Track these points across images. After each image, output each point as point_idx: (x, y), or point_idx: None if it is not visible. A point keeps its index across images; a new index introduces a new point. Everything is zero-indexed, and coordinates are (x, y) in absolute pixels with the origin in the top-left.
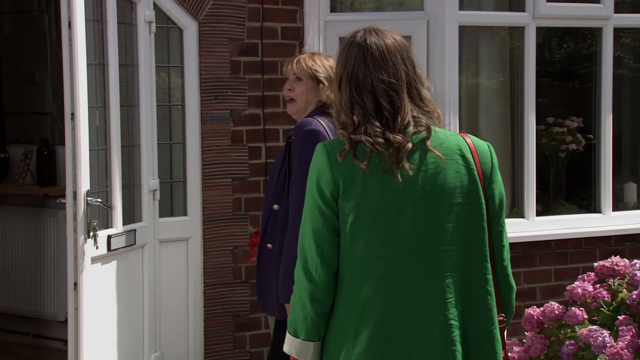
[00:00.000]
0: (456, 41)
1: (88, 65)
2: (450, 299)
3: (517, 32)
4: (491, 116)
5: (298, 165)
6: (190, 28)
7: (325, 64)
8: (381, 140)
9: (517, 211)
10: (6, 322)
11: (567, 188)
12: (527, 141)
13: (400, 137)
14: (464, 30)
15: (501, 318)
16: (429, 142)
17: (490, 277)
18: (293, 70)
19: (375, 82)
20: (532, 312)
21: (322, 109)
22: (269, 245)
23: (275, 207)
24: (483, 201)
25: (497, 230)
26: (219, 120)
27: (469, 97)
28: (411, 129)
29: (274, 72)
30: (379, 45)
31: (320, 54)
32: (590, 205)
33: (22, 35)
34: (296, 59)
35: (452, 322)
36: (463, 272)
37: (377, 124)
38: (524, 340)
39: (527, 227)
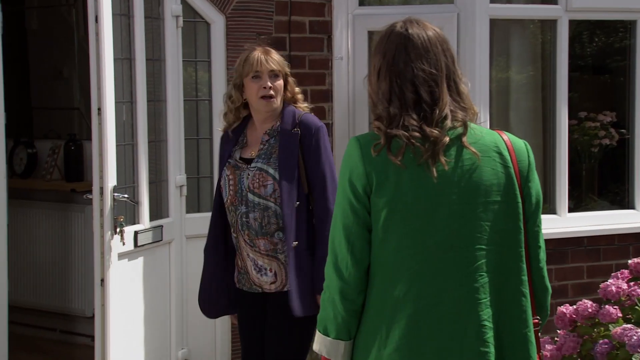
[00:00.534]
0: (487, 35)
1: (115, 59)
2: (484, 300)
3: (548, 26)
4: (522, 111)
5: (328, 159)
6: (217, 22)
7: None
8: (417, 134)
9: (549, 207)
10: (34, 318)
11: (600, 184)
12: (559, 136)
13: (437, 132)
14: (494, 23)
15: (536, 320)
16: (465, 138)
17: (525, 278)
18: (269, 67)
19: (417, 71)
20: (564, 310)
21: (290, 103)
22: (295, 243)
23: (297, 203)
24: (519, 200)
25: (533, 230)
26: None
27: (499, 92)
28: (448, 122)
29: (302, 66)
30: (420, 35)
31: (270, 49)
32: (623, 201)
33: (50, 30)
34: (265, 57)
35: (486, 323)
36: (497, 272)
37: (415, 116)
38: (556, 338)
39: (559, 223)
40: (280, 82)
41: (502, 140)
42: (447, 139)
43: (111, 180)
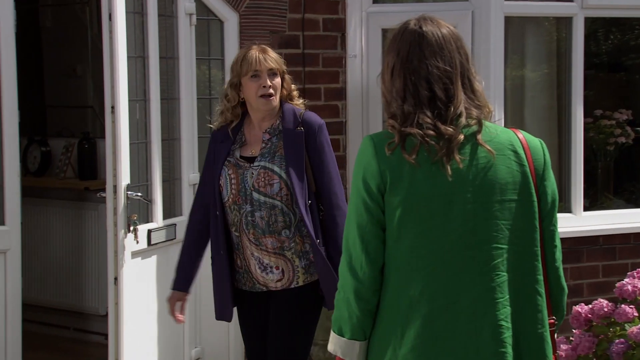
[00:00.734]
0: (502, 32)
1: (128, 57)
2: (501, 299)
3: (563, 23)
4: (537, 109)
5: (332, 156)
6: (230, 20)
7: None
8: (431, 132)
9: (564, 206)
10: (48, 316)
11: (615, 182)
12: (575, 134)
13: (451, 129)
14: (508, 21)
15: (552, 320)
16: (479, 136)
17: (541, 277)
18: (268, 65)
19: (431, 69)
20: (580, 310)
21: (286, 101)
22: (318, 241)
23: (309, 202)
24: (535, 199)
25: (549, 230)
26: None
27: (514, 90)
28: (463, 120)
29: (315, 64)
30: (434, 33)
31: (267, 47)
32: (639, 199)
33: (64, 27)
34: (263, 56)
35: (503, 322)
36: (513, 271)
37: (429, 114)
38: (571, 338)
39: (574, 222)
40: (279, 81)
41: (518, 139)
42: (461, 136)
43: (125, 178)
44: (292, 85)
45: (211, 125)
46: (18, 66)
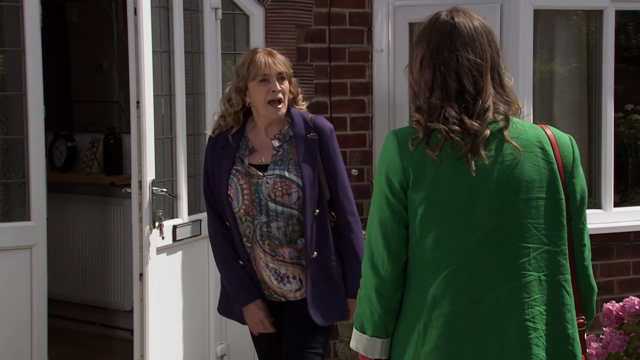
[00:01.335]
0: (531, 26)
1: (154, 52)
2: (527, 299)
3: (593, 16)
4: (566, 103)
5: (342, 161)
6: (256, 14)
7: None
8: (457, 128)
9: (594, 202)
10: (73, 311)
11: None
12: (605, 129)
13: (477, 124)
14: (537, 14)
15: (581, 320)
16: (506, 132)
17: (569, 276)
18: (277, 69)
19: (461, 60)
20: (610, 307)
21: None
22: (315, 254)
23: (317, 211)
24: (563, 196)
25: (577, 228)
26: None
27: (542, 84)
28: (490, 115)
29: (342, 59)
30: (466, 24)
31: (272, 50)
32: None
33: (90, 23)
34: (272, 60)
35: (529, 323)
36: (540, 270)
37: (456, 107)
38: (602, 336)
39: (604, 218)
40: (287, 85)
41: (546, 135)
42: (488, 131)
43: (150, 174)
44: (298, 89)
45: (207, 132)
46: (44, 62)
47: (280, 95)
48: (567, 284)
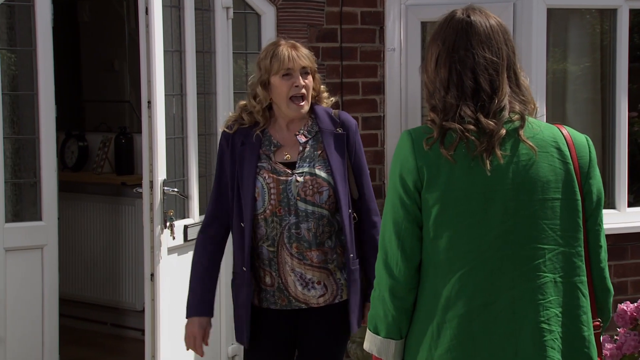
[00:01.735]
0: (544, 25)
1: (165, 52)
2: (542, 301)
3: (607, 15)
4: (579, 102)
5: (365, 157)
6: (268, 13)
7: None
8: (472, 127)
9: (608, 202)
10: (85, 311)
11: None
12: (619, 129)
13: (493, 123)
14: (550, 13)
15: (597, 323)
16: (522, 132)
17: (585, 278)
18: (302, 63)
19: (477, 58)
20: (625, 308)
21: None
22: (352, 255)
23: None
24: (579, 197)
25: (594, 229)
26: None
27: (555, 83)
28: (506, 114)
29: (353, 58)
30: (482, 23)
31: (296, 42)
32: None
33: (102, 22)
34: (296, 53)
35: (544, 325)
36: (555, 272)
37: (472, 106)
38: (616, 337)
39: (618, 218)
40: (311, 80)
41: (562, 135)
42: (503, 131)
43: (161, 173)
44: (322, 86)
45: (226, 129)
46: (56, 61)
47: (303, 90)
48: (582, 285)
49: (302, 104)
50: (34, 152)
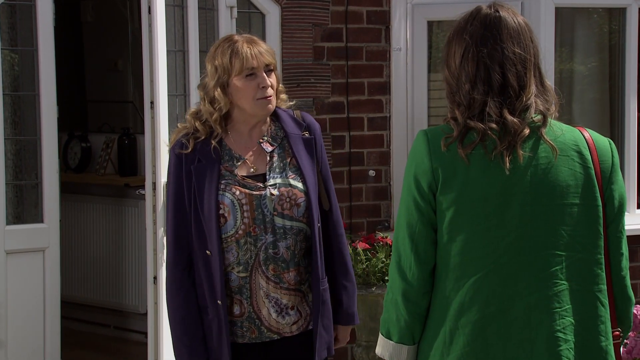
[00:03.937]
0: (552, 24)
1: (168, 52)
2: (558, 309)
3: (616, 14)
4: (586, 102)
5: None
6: (272, 13)
7: None
8: (494, 125)
9: None
10: (87, 314)
11: None
12: (628, 129)
13: (517, 122)
14: (558, 12)
15: (617, 332)
16: (544, 131)
17: (604, 287)
18: (265, 60)
19: (507, 53)
20: (634, 312)
21: None
22: (322, 274)
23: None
24: (599, 203)
25: (615, 236)
26: (301, 108)
27: (563, 83)
28: (531, 112)
29: (359, 58)
30: (512, 18)
31: (253, 37)
32: None
33: (105, 22)
34: (257, 50)
35: (559, 334)
36: (574, 280)
37: (498, 102)
38: (626, 341)
39: (628, 219)
40: (274, 78)
41: (584, 138)
42: (527, 130)
43: (164, 175)
44: (281, 85)
45: (180, 149)
46: (59, 61)
47: (270, 90)
48: (602, 294)
49: (269, 99)
50: (36, 154)
